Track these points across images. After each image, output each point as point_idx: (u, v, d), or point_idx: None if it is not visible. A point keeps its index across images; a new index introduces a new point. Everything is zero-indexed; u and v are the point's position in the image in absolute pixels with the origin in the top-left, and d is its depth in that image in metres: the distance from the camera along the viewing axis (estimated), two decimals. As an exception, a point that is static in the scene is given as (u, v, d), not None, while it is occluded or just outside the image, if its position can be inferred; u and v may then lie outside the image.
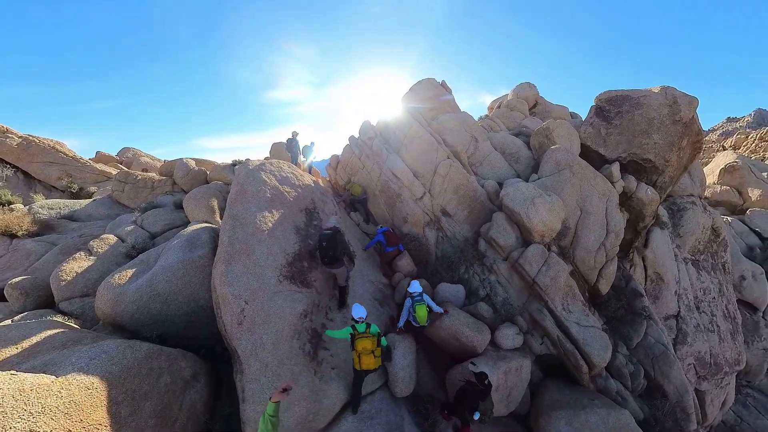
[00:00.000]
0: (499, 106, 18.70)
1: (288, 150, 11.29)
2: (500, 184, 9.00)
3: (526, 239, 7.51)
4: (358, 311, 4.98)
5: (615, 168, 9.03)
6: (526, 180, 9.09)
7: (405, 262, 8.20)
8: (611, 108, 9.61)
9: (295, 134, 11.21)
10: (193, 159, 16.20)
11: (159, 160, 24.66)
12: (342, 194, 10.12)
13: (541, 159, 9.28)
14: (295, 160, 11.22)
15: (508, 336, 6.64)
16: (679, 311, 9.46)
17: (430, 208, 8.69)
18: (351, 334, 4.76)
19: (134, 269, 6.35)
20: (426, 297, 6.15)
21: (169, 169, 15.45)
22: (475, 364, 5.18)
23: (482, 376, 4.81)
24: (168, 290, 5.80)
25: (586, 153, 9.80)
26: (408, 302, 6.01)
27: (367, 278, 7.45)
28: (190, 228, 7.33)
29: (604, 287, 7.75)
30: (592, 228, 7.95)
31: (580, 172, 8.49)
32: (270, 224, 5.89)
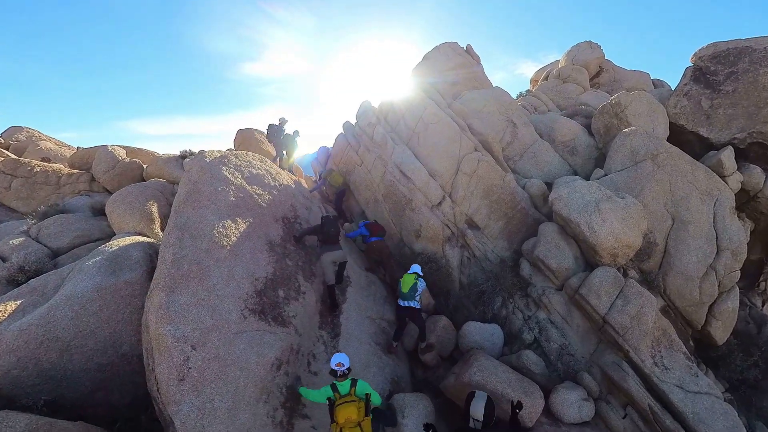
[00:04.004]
0: (546, 78, 18.02)
1: (270, 140, 11.07)
2: (549, 185, 8.82)
3: (589, 260, 7.17)
4: (337, 358, 4.63)
5: (726, 155, 8.34)
6: (587, 177, 8.89)
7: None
8: (719, 68, 8.97)
9: (282, 121, 11.01)
10: (123, 147, 14.76)
11: (69, 146, 22.44)
12: (325, 189, 9.94)
13: (608, 148, 8.83)
14: (280, 155, 11.06)
15: (571, 403, 5.94)
16: None
17: (452, 218, 8.33)
18: (329, 399, 4.40)
19: (19, 301, 5.69)
20: (421, 281, 6.59)
21: (86, 159, 14.28)
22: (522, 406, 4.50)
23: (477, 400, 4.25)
24: (73, 331, 5.13)
25: (679, 136, 9.20)
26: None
27: (365, 313, 7.23)
28: (116, 242, 6.89)
29: (720, 333, 7.15)
30: (693, 244, 7.46)
31: (669, 164, 7.99)
32: (233, 238, 5.65)
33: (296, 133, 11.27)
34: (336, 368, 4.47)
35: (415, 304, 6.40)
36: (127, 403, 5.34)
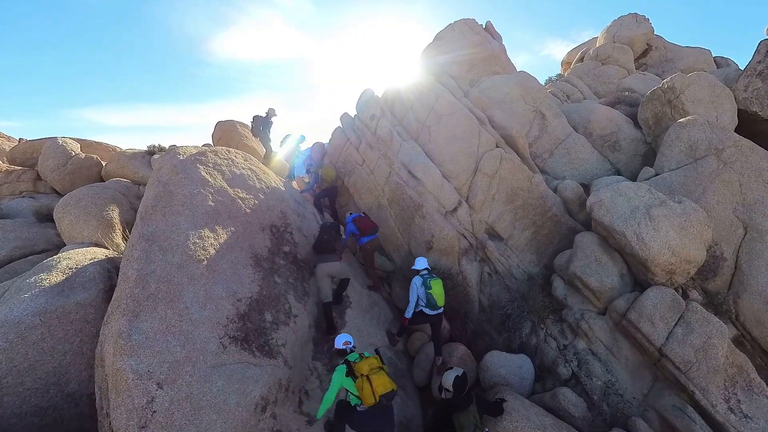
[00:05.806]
0: (581, 59, 17.79)
1: (257, 134, 11.03)
2: (586, 187, 8.89)
3: (639, 278, 6.99)
4: (343, 338, 5.20)
5: (812, 149, 8.24)
6: (633, 178, 8.81)
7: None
8: (803, 40, 9.10)
9: (270, 113, 11.01)
10: (77, 140, 14.24)
11: (9, 138, 21.97)
12: (316, 188, 9.88)
13: (659, 142, 8.66)
14: (268, 150, 11.04)
15: (623, 457, 5.70)
16: None
17: (470, 227, 8.23)
18: (354, 375, 4.71)
19: (-61, 329, 5.64)
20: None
21: (30, 153, 14.00)
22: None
23: (459, 381, 5.16)
24: (5, 367, 4.80)
25: (751, 125, 8.90)
26: (417, 281, 6.44)
27: (367, 340, 7.05)
28: (67, 254, 6.71)
29: (814, 374, 6.78)
30: (772, 258, 7.00)
31: (738, 160, 7.66)
32: (212, 250, 5.51)
33: (302, 137, 11.00)
34: (344, 347, 4.99)
35: (440, 309, 6.58)
36: (76, 456, 5.08)
